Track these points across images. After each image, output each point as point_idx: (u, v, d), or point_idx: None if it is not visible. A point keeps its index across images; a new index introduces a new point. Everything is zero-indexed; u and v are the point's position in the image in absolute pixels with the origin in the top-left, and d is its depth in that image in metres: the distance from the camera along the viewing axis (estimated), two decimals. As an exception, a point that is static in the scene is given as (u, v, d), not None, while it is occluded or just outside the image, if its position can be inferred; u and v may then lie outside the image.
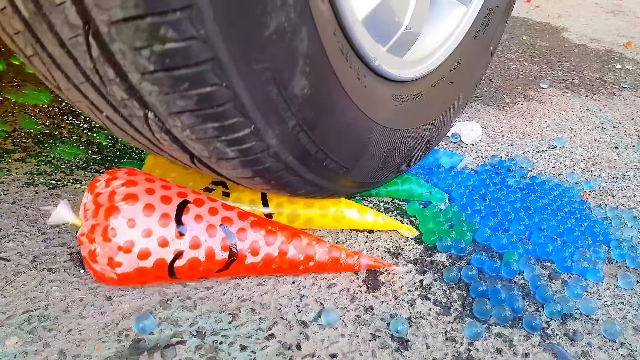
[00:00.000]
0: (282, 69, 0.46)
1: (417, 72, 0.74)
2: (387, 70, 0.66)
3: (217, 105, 0.43)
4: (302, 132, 0.53)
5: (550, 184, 0.90)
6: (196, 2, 0.37)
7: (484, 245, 0.73)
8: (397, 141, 0.71)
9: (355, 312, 0.59)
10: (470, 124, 1.08)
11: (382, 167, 0.71)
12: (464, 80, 0.88)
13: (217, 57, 0.40)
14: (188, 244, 0.55)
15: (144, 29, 0.37)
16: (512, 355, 0.56)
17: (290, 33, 0.44)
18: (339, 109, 0.56)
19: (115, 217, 0.52)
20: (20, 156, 0.85)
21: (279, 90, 0.47)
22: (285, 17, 0.43)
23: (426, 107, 0.77)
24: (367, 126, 0.63)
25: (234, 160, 0.50)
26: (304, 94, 0.50)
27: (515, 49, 1.84)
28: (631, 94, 1.50)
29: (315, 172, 0.59)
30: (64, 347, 0.51)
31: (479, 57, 0.91)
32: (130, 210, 0.53)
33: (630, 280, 0.68)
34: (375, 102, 0.64)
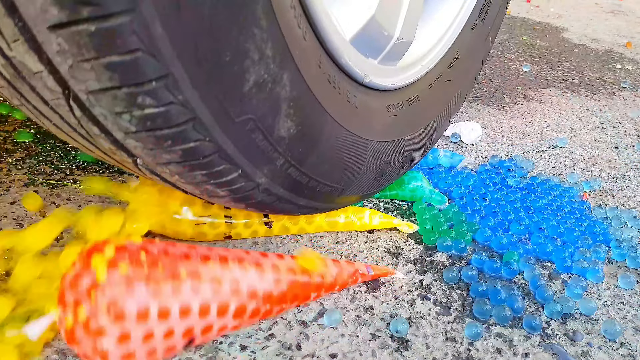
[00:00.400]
0: (265, 117, 0.45)
1: (412, 75, 0.72)
2: (379, 83, 0.64)
3: (202, 157, 0.44)
4: (291, 167, 0.52)
5: (550, 184, 0.90)
6: (171, 72, 0.36)
7: (484, 245, 0.73)
8: (395, 151, 0.70)
9: (355, 312, 0.59)
10: (470, 124, 1.08)
11: (379, 178, 0.70)
12: (462, 75, 0.85)
13: (197, 117, 0.40)
14: None
15: (122, 98, 0.37)
16: (512, 355, 0.56)
17: (270, 83, 0.44)
18: (328, 138, 0.55)
19: None
20: (20, 156, 0.85)
21: (264, 136, 0.47)
22: (265, 69, 0.43)
23: (423, 110, 0.76)
24: (361, 146, 0.62)
25: (226, 197, 0.51)
26: (291, 134, 0.49)
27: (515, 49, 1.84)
28: (631, 94, 1.50)
29: (309, 197, 0.59)
30: (64, 347, 0.51)
31: (478, 49, 0.88)
32: None
33: (630, 280, 0.68)
34: (368, 119, 0.63)
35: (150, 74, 0.36)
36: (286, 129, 0.48)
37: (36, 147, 0.88)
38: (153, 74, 0.36)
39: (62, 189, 0.78)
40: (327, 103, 0.53)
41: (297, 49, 0.46)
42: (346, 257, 0.68)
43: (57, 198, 0.75)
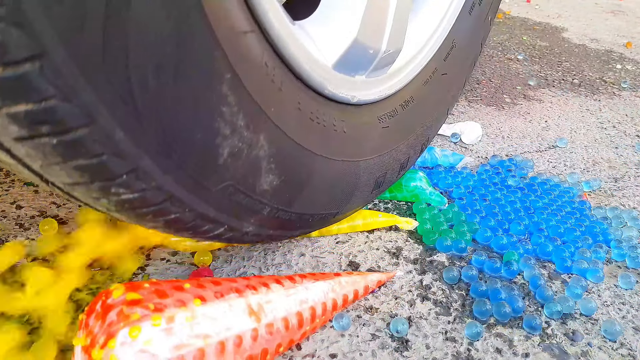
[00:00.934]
0: (244, 180, 0.45)
1: (405, 78, 0.68)
2: (368, 98, 0.61)
3: (186, 224, 0.44)
4: (280, 211, 0.52)
5: (550, 184, 0.90)
6: (140, 165, 0.37)
7: (484, 245, 0.73)
8: (391, 161, 0.68)
9: (355, 312, 0.59)
10: (470, 124, 1.08)
11: (376, 190, 0.69)
12: (460, 64, 0.80)
13: (174, 195, 0.41)
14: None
15: (96, 189, 0.37)
16: (512, 355, 0.56)
17: (246, 149, 0.44)
18: (317, 175, 0.54)
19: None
20: (20, 156, 0.85)
21: (246, 195, 0.46)
22: (238, 139, 0.42)
23: (419, 111, 0.73)
24: (354, 168, 0.60)
25: (218, 241, 0.52)
26: (274, 185, 0.49)
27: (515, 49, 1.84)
28: (631, 94, 1.50)
29: (304, 227, 0.59)
30: (64, 347, 0.51)
31: (476, 32, 0.81)
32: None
33: (630, 280, 0.68)
34: (360, 139, 0.60)
35: (118, 170, 0.36)
36: (269, 183, 0.48)
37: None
38: (121, 170, 0.36)
39: (62, 189, 0.78)
40: (311, 143, 0.52)
41: (272, 105, 0.45)
42: (346, 257, 0.68)
43: (57, 198, 0.75)
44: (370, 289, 0.61)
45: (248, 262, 0.66)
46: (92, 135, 0.33)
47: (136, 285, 0.43)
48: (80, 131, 0.33)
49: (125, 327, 0.39)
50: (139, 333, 0.39)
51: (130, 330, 0.39)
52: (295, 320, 0.50)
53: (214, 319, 0.44)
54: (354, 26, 0.54)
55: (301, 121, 0.50)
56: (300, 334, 0.51)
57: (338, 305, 0.56)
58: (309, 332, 0.54)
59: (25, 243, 0.64)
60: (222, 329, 0.44)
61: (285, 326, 0.49)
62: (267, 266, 0.65)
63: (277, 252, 0.68)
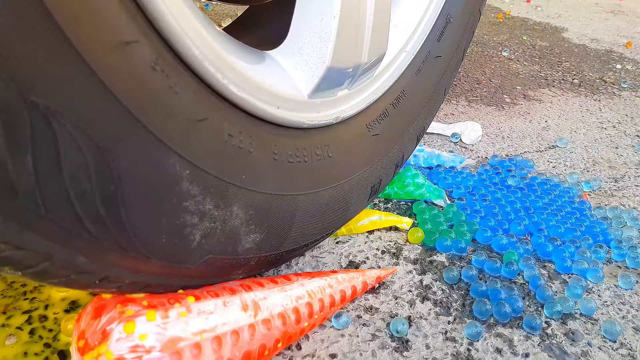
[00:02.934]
0: (224, 249, 0.43)
1: (396, 72, 0.64)
2: (354, 111, 0.58)
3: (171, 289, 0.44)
4: (271, 256, 0.51)
5: (550, 184, 0.90)
6: (109, 274, 0.37)
7: (484, 245, 0.73)
8: (385, 167, 0.66)
9: (355, 312, 0.59)
10: (470, 124, 1.08)
11: (372, 196, 0.67)
12: (449, 52, 0.74)
13: (153, 283, 0.41)
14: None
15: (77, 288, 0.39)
16: (512, 355, 0.56)
17: (220, 225, 0.42)
18: (305, 211, 0.52)
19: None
20: (20, 156, 0.85)
21: (232, 258, 0.45)
22: (209, 221, 0.40)
23: (410, 107, 0.68)
24: (346, 189, 0.58)
25: None
26: (259, 240, 0.47)
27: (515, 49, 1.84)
28: (631, 94, 1.50)
29: (301, 254, 0.60)
30: (64, 347, 0.51)
31: (467, 19, 0.77)
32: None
33: (630, 280, 0.68)
34: (349, 159, 0.57)
35: (89, 281, 0.37)
36: (252, 240, 0.46)
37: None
38: (92, 280, 0.37)
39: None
40: (292, 186, 0.49)
41: (243, 173, 0.42)
42: (346, 257, 0.68)
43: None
44: (369, 285, 0.61)
45: (248, 262, 0.66)
46: (54, 266, 0.33)
47: None
48: (42, 265, 0.33)
49: (120, 323, 0.39)
50: (134, 328, 0.39)
51: (125, 326, 0.39)
52: (293, 316, 0.50)
53: (209, 314, 0.44)
54: (326, 54, 0.49)
55: (279, 170, 0.47)
56: (298, 330, 0.51)
57: (336, 301, 0.56)
58: (308, 329, 0.54)
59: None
60: (219, 324, 0.44)
61: (282, 322, 0.49)
62: (267, 266, 0.65)
63: (277, 252, 0.68)
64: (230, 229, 0.43)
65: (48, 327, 0.53)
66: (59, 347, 0.51)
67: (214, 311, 0.44)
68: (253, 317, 0.47)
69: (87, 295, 0.58)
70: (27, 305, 0.56)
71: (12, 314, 0.54)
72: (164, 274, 0.41)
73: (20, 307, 0.56)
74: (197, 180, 0.38)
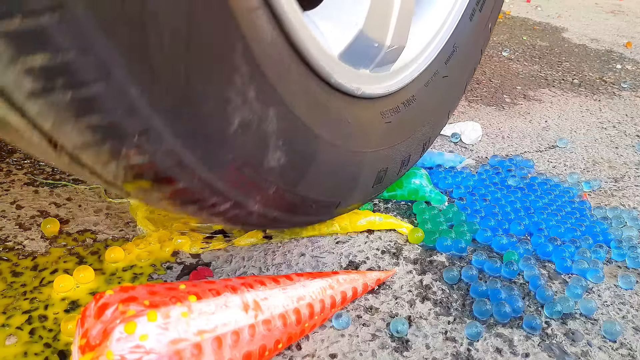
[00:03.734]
0: (253, 153, 0.46)
1: (408, 76, 0.70)
2: (373, 92, 0.62)
3: (192, 194, 0.44)
4: (285, 192, 0.52)
5: (550, 184, 0.90)
6: (152, 126, 0.37)
7: (484, 245, 0.73)
8: (393, 157, 0.70)
9: (355, 312, 0.59)
10: (470, 124, 1.08)
11: (377, 185, 0.70)
12: (460, 69, 0.83)
13: (183, 161, 0.41)
14: None
15: (107, 151, 0.37)
16: (512, 355, 0.56)
17: (256, 122, 0.44)
18: (322, 159, 0.55)
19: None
20: (20, 156, 0.85)
21: (254, 170, 0.47)
22: (249, 111, 0.43)
23: (420, 111, 0.74)
24: (357, 159, 0.61)
25: (222, 222, 0.52)
26: (281, 163, 0.49)
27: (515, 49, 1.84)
28: (631, 94, 1.50)
29: (305, 214, 0.60)
30: (64, 347, 0.51)
31: (477, 39, 0.85)
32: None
33: (630, 280, 0.68)
34: (363, 131, 0.62)
35: (131, 129, 0.36)
36: (276, 160, 0.48)
37: (36, 147, 0.88)
38: (134, 130, 0.36)
39: (62, 189, 0.78)
40: (318, 126, 0.53)
41: (282, 83, 0.46)
42: (346, 257, 0.68)
43: (57, 198, 0.75)
44: (369, 287, 0.61)
45: (248, 262, 0.66)
46: (106, 90, 0.33)
47: (130, 286, 0.44)
48: (95, 86, 0.33)
49: (121, 323, 0.39)
50: (135, 329, 0.39)
51: (125, 327, 0.39)
52: (293, 317, 0.50)
53: (210, 315, 0.44)
54: (360, 18, 0.55)
55: (309, 104, 0.52)
56: (299, 330, 0.51)
57: (337, 303, 0.56)
58: (308, 330, 0.54)
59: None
60: (219, 324, 0.44)
61: (283, 323, 0.49)
62: (267, 266, 0.65)
63: (277, 252, 0.68)
64: (263, 132, 0.46)
65: (48, 327, 0.53)
66: (59, 347, 0.51)
67: (215, 312, 0.44)
68: (254, 317, 0.47)
69: (87, 295, 0.58)
70: (27, 305, 0.56)
71: (12, 314, 0.55)
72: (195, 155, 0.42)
73: (20, 307, 0.56)
74: (247, 61, 0.42)
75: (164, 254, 0.65)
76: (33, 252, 0.64)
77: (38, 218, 0.70)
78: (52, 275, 0.60)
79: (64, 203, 0.74)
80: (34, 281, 0.59)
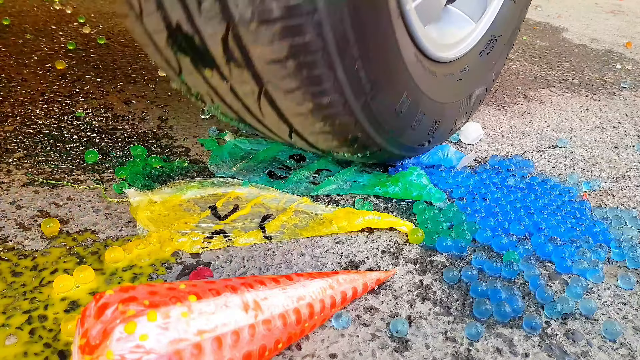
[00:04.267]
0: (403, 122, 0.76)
1: (469, 45, 0.92)
2: (451, 57, 0.87)
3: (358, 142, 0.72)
4: (405, 131, 0.80)
5: (550, 184, 0.90)
6: (348, 98, 0.63)
7: (484, 245, 0.73)
8: (463, 108, 0.96)
9: (355, 312, 0.59)
10: (470, 124, 1.08)
11: (431, 132, 0.88)
12: (502, 45, 1.04)
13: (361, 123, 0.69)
14: None
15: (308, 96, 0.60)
16: (512, 355, 0.56)
17: (407, 100, 0.74)
18: (424, 109, 0.81)
19: None
20: (20, 156, 0.85)
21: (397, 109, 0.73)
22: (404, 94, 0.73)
23: (474, 78, 0.96)
24: (440, 110, 0.86)
25: (366, 159, 0.81)
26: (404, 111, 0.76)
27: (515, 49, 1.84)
28: (631, 94, 1.50)
29: (412, 151, 0.88)
30: (64, 347, 0.51)
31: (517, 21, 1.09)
32: None
33: (630, 280, 0.68)
34: (439, 86, 0.84)
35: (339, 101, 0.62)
36: (406, 108, 0.75)
37: (36, 147, 0.88)
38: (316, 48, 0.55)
39: (62, 189, 0.78)
40: (423, 86, 0.77)
41: (412, 67, 0.73)
42: (346, 257, 0.68)
43: (57, 198, 0.75)
44: (369, 287, 0.61)
45: (248, 262, 0.66)
46: (322, 57, 0.56)
47: (130, 286, 0.44)
48: (317, 54, 0.55)
49: (121, 323, 0.39)
50: (135, 329, 0.39)
51: (125, 327, 0.39)
52: (293, 317, 0.50)
53: (210, 315, 0.44)
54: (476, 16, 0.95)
55: (422, 74, 0.77)
56: (299, 330, 0.51)
57: (337, 303, 0.56)
58: (308, 330, 0.54)
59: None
60: (219, 324, 0.44)
61: (283, 323, 0.49)
62: (267, 266, 0.65)
63: (277, 252, 0.68)
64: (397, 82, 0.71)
65: (48, 327, 0.53)
66: (59, 347, 0.51)
67: (215, 311, 0.44)
68: (254, 317, 0.47)
69: (87, 295, 0.58)
70: (27, 305, 0.56)
71: (12, 314, 0.55)
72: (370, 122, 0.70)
73: (20, 307, 0.56)
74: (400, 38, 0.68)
75: (164, 254, 0.65)
76: (33, 252, 0.64)
77: (38, 218, 0.70)
78: (52, 275, 0.60)
79: (64, 203, 0.74)
80: (34, 281, 0.59)
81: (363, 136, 0.71)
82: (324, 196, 0.82)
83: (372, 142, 0.74)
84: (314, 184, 0.84)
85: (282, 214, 0.74)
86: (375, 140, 0.74)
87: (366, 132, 0.70)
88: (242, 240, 0.68)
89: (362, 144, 0.73)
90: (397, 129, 0.76)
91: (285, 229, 0.71)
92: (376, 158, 0.83)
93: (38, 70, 1.21)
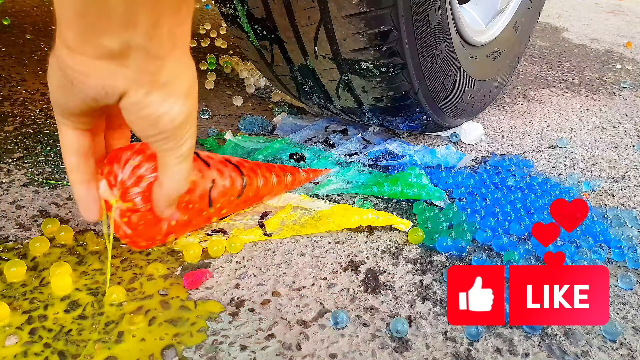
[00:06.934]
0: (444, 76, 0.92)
1: (497, 30, 1.10)
2: (484, 41, 1.04)
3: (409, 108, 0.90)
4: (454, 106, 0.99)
5: (550, 184, 0.90)
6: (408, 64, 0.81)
7: (484, 245, 0.73)
8: (486, 88, 1.10)
9: (355, 312, 0.59)
10: (470, 123, 1.08)
11: (460, 102, 1.01)
12: (524, 28, 1.21)
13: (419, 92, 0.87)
14: (215, 172, 0.63)
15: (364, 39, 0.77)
16: (512, 355, 0.56)
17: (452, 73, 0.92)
18: (464, 87, 1.00)
19: None
20: (20, 156, 0.85)
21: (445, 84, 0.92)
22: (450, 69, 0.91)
23: (502, 58, 1.14)
24: (477, 87, 1.05)
25: (412, 125, 0.98)
26: (448, 81, 0.93)
27: (515, 49, 1.84)
28: (631, 94, 1.50)
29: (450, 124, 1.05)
30: (64, 347, 0.51)
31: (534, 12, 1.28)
32: None
33: (630, 280, 0.68)
34: (481, 65, 1.04)
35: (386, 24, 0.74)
36: (448, 79, 0.92)
37: (36, 147, 0.88)
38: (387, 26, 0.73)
39: (62, 189, 0.78)
40: (464, 64, 0.95)
41: (458, 51, 0.92)
42: (346, 257, 0.68)
43: (57, 198, 0.75)
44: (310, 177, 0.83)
45: (248, 262, 0.66)
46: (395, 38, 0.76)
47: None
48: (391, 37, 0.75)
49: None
50: None
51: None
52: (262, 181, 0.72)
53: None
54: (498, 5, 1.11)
55: (465, 54, 0.96)
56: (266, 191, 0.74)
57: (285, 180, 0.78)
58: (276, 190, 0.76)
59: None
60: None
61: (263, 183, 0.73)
62: (267, 266, 0.65)
63: (277, 252, 0.68)
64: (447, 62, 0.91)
65: (48, 327, 0.53)
66: (59, 347, 0.51)
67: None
68: None
69: (87, 295, 0.58)
70: (27, 305, 0.56)
71: (12, 314, 0.54)
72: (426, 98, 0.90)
73: (20, 307, 0.56)
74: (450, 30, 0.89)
75: (164, 254, 0.65)
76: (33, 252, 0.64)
77: (38, 218, 0.70)
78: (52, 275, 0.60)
79: (64, 203, 0.74)
80: (34, 281, 0.59)
81: None
82: (324, 196, 0.82)
83: None
84: (314, 183, 0.84)
85: (281, 210, 0.75)
86: None
87: None
88: (242, 237, 0.68)
89: None
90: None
91: (284, 226, 0.72)
92: None
93: (38, 70, 1.21)
